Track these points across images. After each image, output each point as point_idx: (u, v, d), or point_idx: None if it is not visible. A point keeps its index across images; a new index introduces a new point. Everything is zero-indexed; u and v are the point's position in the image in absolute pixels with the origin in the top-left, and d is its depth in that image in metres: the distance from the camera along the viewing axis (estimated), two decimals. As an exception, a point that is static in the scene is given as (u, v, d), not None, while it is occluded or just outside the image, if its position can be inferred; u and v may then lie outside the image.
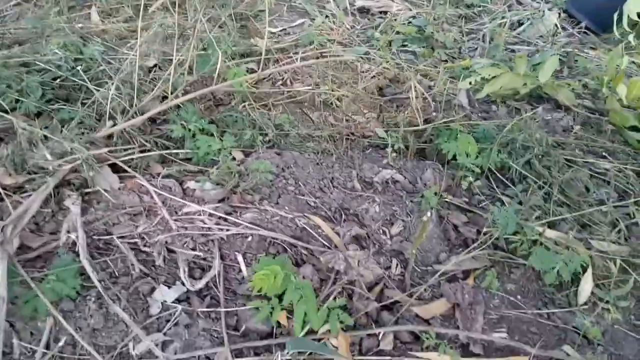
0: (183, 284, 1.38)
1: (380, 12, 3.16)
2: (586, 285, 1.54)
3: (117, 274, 1.37)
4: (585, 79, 2.55)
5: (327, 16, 2.99)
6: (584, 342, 1.42)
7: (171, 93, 1.91)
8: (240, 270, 1.44)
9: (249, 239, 1.48)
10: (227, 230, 1.46)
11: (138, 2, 2.90)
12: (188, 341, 1.30)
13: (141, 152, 1.71)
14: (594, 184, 1.80)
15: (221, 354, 1.26)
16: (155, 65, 2.28)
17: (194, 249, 1.43)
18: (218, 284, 1.39)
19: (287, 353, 1.22)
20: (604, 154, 1.97)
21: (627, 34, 2.74)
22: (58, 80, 2.03)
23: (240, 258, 1.44)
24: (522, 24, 3.12)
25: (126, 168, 1.58)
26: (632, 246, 1.64)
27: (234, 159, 1.75)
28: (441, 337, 1.37)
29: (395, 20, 3.01)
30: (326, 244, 1.51)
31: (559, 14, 3.17)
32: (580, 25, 3.09)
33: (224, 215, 1.48)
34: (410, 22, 2.99)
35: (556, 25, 3.07)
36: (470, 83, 2.35)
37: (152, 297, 1.36)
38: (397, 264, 1.54)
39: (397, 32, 2.88)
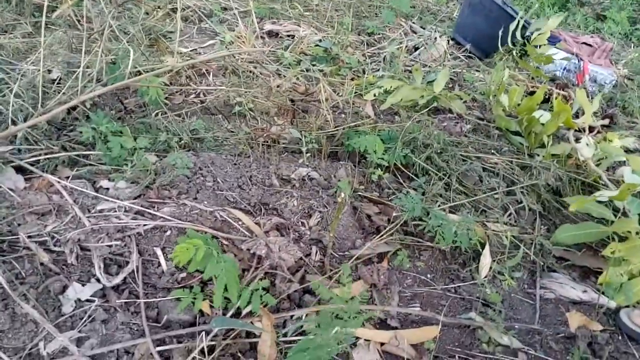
0: (98, 280, 1.32)
1: (288, 36, 3.33)
2: (485, 260, 1.71)
3: (24, 275, 1.28)
4: (473, 94, 2.87)
5: (237, 37, 3.09)
6: (486, 310, 1.57)
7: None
8: (159, 265, 1.41)
9: (168, 232, 1.46)
10: (145, 225, 1.44)
11: (37, 19, 2.81)
12: (106, 336, 1.24)
13: (47, 154, 1.64)
14: (486, 175, 2.02)
15: (142, 345, 1.22)
16: (59, 77, 2.20)
17: (109, 245, 1.38)
18: (137, 279, 1.35)
19: (213, 332, 1.21)
20: (492, 151, 2.23)
21: (506, 55, 3.16)
22: (-52, 88, 1.89)
23: (159, 252, 1.42)
24: (417, 48, 3.45)
25: (32, 169, 1.50)
26: (521, 225, 1.86)
27: (147, 160, 1.73)
28: (360, 314, 1.44)
29: (302, 42, 3.19)
30: (247, 234, 1.53)
31: (448, 40, 3.56)
32: (465, 51, 3.49)
33: (141, 209, 1.45)
34: (317, 45, 3.18)
35: (446, 50, 3.44)
36: (374, 95, 2.56)
37: (64, 295, 1.28)
38: (316, 251, 1.60)
39: (305, 54, 3.05)
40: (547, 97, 2.85)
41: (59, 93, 2.03)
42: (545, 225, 1.87)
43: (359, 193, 1.87)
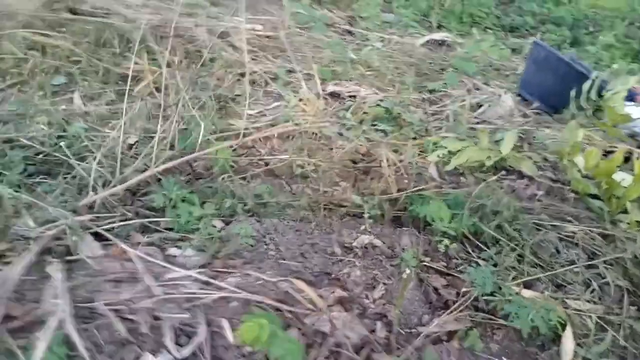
0: (169, 351, 1.33)
1: (350, 96, 3.38)
2: (568, 343, 1.56)
3: (102, 343, 1.32)
4: (544, 153, 2.74)
5: (300, 99, 3.18)
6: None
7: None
8: (225, 336, 1.41)
9: (234, 303, 1.46)
10: (212, 295, 1.45)
11: (120, 87, 3.06)
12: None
13: (122, 221, 1.72)
14: (563, 246, 1.89)
15: None
16: (136, 142, 2.35)
17: (179, 315, 1.40)
18: (204, 351, 1.35)
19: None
20: (569, 218, 2.09)
21: (578, 112, 3.04)
22: (41, 155, 2.06)
23: (225, 324, 1.41)
24: (481, 106, 3.39)
25: (108, 236, 1.57)
26: (606, 304, 1.70)
27: (214, 227, 1.77)
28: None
29: (364, 102, 3.23)
30: (310, 307, 1.50)
31: (514, 97, 3.48)
32: (533, 107, 3.39)
33: (208, 279, 1.47)
34: (378, 105, 3.21)
35: (512, 107, 3.35)
36: (438, 156, 2.51)
37: (137, 366, 1.30)
38: (381, 327, 1.53)
39: (366, 113, 3.08)
40: (626, 157, 2.68)
41: (134, 158, 2.16)
42: (635, 305, 1.70)
43: (425, 263, 1.79)
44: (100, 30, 3.38)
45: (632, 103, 2.99)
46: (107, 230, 1.64)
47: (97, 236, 1.64)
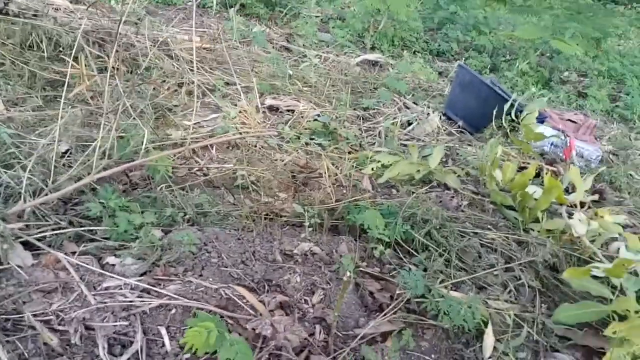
0: (101, 361, 1.30)
1: (288, 110, 3.47)
2: (488, 339, 1.70)
3: (27, 355, 1.26)
4: (467, 168, 2.97)
5: (240, 111, 3.22)
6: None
7: (88, 174, 1.91)
8: (163, 345, 1.40)
9: (173, 311, 1.46)
10: (150, 303, 1.44)
11: (47, 93, 2.93)
12: (106, 423, 1.20)
13: (55, 230, 1.66)
14: (484, 251, 2.06)
15: None
16: (68, 150, 2.27)
17: (114, 325, 1.37)
18: (140, 360, 1.33)
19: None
20: (489, 227, 2.28)
21: (496, 132, 3.32)
22: (-41, 162, 1.94)
23: (163, 331, 1.41)
24: (410, 123, 3.60)
25: (40, 245, 1.51)
26: (522, 303, 1.88)
27: (154, 235, 1.75)
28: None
29: (302, 117, 3.32)
30: (252, 312, 1.53)
31: (440, 116, 3.73)
32: (457, 126, 3.65)
33: (147, 287, 1.46)
34: (316, 119, 3.32)
35: (438, 125, 3.60)
36: (372, 169, 2.64)
37: (65, 378, 1.26)
38: (320, 330, 1.59)
39: (305, 128, 3.17)
40: (537, 172, 2.96)
41: (67, 167, 2.09)
42: (545, 303, 1.89)
43: (361, 269, 1.89)
44: (28, 32, 3.22)
45: (542, 124, 3.32)
46: (39, 239, 1.58)
47: (27, 245, 1.57)
